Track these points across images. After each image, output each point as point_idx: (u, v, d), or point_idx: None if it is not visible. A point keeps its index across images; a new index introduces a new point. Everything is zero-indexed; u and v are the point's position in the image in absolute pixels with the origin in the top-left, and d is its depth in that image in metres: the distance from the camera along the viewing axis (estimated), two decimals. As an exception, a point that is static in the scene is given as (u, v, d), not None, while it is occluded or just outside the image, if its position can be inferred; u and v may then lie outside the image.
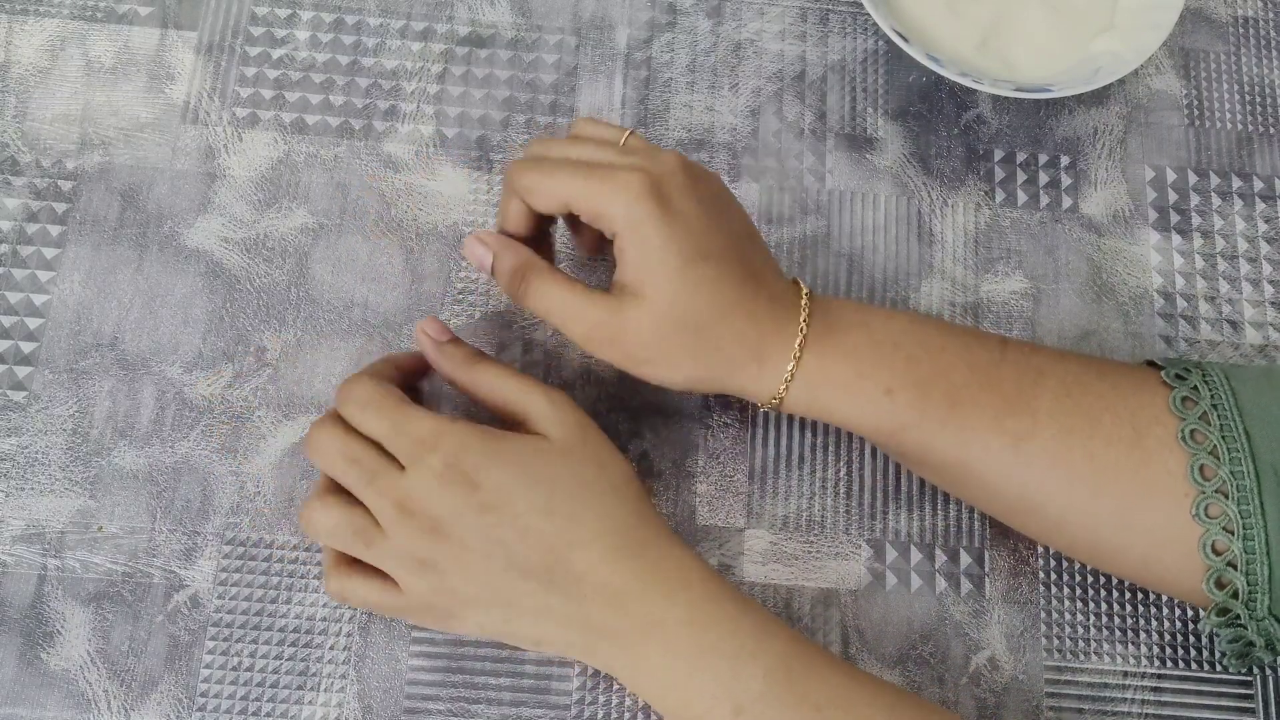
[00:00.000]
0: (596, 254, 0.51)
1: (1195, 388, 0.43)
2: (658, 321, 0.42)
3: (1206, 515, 0.41)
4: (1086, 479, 0.42)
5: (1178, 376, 0.44)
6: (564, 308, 0.43)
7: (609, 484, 0.42)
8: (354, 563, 0.43)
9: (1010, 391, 0.43)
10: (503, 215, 0.45)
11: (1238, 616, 0.42)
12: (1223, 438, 0.41)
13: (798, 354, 0.43)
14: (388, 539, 0.41)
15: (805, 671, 0.40)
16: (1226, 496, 0.41)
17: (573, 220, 0.47)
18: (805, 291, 0.44)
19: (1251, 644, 0.43)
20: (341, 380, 0.48)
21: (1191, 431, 0.42)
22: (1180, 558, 0.42)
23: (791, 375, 0.43)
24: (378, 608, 0.43)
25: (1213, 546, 0.41)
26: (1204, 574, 0.41)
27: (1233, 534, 0.41)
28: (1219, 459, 0.41)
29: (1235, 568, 0.41)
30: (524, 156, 0.45)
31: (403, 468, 0.41)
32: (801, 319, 0.43)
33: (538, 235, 0.46)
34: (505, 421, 0.43)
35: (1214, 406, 0.42)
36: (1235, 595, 0.41)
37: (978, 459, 0.43)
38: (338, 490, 0.42)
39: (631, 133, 0.45)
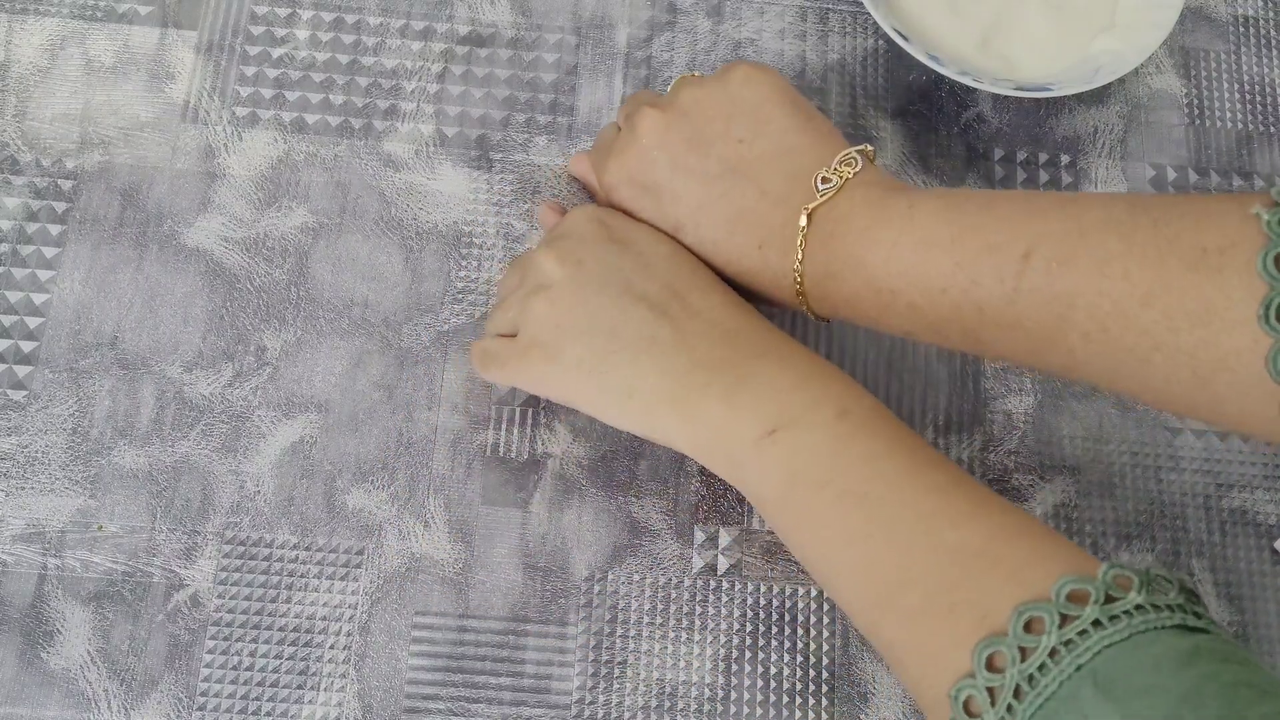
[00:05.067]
0: None
1: None
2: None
3: None
4: (1150, 399, 0.38)
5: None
6: None
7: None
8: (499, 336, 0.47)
9: (1033, 332, 0.38)
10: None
11: None
12: None
13: (805, 306, 0.43)
14: (525, 275, 0.45)
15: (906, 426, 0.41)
16: None
17: None
18: (803, 224, 0.41)
19: None
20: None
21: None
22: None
23: (807, 311, 0.44)
24: (497, 353, 0.46)
25: None
26: None
27: None
28: None
29: None
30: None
31: None
32: (796, 263, 0.42)
33: None
34: None
35: None
36: None
37: (1029, 369, 0.42)
38: None
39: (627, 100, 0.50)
